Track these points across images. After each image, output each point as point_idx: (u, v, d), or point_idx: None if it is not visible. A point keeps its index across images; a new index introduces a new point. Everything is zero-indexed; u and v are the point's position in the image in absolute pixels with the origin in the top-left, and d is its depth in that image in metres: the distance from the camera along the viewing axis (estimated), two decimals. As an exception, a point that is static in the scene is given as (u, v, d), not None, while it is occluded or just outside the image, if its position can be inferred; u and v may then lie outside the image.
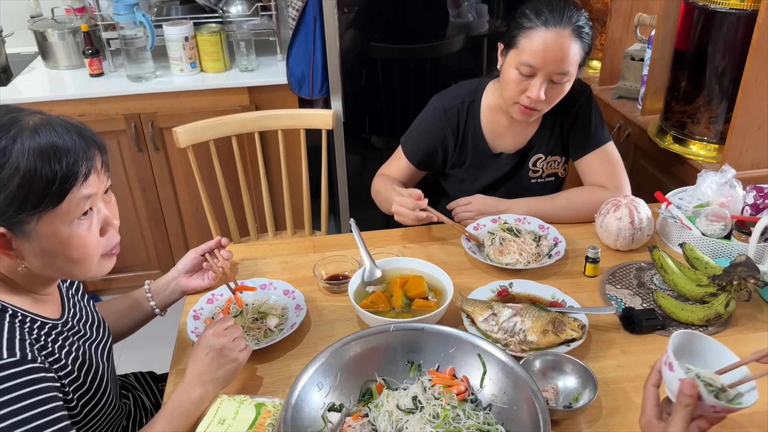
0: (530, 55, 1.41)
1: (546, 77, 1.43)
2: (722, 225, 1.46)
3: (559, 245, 1.46)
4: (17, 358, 0.87)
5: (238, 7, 2.57)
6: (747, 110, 1.75)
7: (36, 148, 0.85)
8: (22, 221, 0.88)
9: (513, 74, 1.46)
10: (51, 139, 0.87)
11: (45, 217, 0.89)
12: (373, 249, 1.42)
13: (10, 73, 2.55)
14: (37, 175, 0.85)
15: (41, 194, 0.86)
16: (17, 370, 0.86)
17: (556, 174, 1.70)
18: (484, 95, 1.63)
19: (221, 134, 1.95)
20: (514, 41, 1.45)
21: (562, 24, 1.40)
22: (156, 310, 1.32)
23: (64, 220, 0.90)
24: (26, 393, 0.86)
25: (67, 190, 0.88)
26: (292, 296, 1.33)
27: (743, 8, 1.73)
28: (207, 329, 1.09)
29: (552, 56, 1.40)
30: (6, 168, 0.84)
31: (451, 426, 0.97)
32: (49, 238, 0.91)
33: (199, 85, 2.44)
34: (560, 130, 1.64)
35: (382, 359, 1.09)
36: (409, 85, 2.47)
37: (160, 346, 1.24)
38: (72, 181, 0.88)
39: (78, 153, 0.89)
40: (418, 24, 2.38)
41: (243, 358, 1.08)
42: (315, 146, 2.10)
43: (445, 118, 1.63)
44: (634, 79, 2.29)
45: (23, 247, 0.91)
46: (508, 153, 1.66)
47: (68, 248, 0.93)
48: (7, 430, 0.83)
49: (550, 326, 1.17)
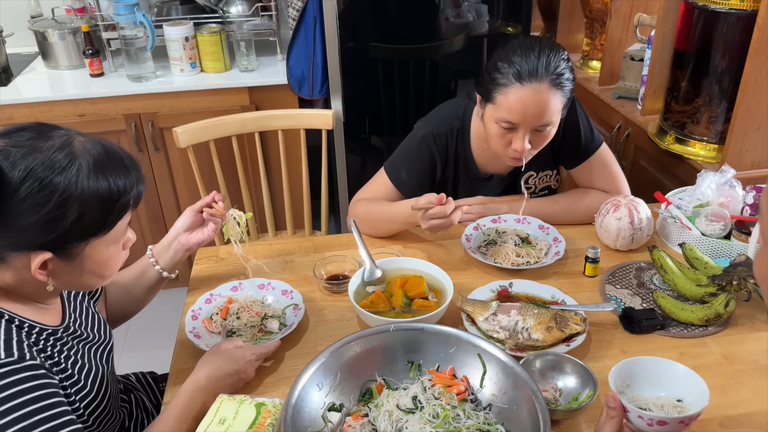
0: (508, 112, 1.36)
1: (528, 129, 1.38)
2: (722, 225, 1.46)
3: (559, 245, 1.46)
4: (15, 357, 0.88)
5: (238, 7, 2.57)
6: (747, 110, 1.75)
7: (96, 169, 0.90)
8: (72, 246, 0.92)
9: (495, 129, 1.40)
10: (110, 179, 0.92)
11: (93, 242, 0.94)
12: (373, 249, 1.42)
13: (10, 73, 2.56)
14: (95, 210, 0.91)
15: (96, 225, 0.93)
16: (15, 368, 0.87)
17: (549, 187, 1.68)
18: (473, 120, 1.58)
19: (221, 134, 1.95)
20: (491, 97, 1.38)
21: (538, 77, 1.32)
22: (163, 273, 1.32)
23: (109, 242, 0.97)
24: (26, 389, 0.86)
25: (119, 218, 0.95)
26: (290, 296, 1.33)
27: (743, 8, 1.73)
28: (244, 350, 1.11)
29: (531, 112, 1.34)
30: (67, 204, 0.88)
31: (451, 426, 0.97)
32: (93, 260, 0.96)
33: (199, 85, 2.44)
34: (550, 146, 1.57)
35: (382, 359, 1.09)
36: (409, 85, 2.47)
37: (160, 346, 1.24)
38: (123, 212, 0.96)
39: (131, 189, 0.95)
40: (418, 24, 2.39)
41: (250, 376, 1.13)
42: (315, 146, 2.10)
43: (434, 144, 1.57)
44: (634, 79, 2.29)
45: (60, 268, 0.94)
46: (500, 175, 1.64)
47: (105, 267, 0.99)
48: (9, 426, 0.83)
49: (553, 322, 1.17)
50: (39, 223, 0.87)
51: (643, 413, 0.89)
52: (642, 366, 1.00)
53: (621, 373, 0.99)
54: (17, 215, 0.86)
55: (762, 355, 1.19)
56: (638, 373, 1.00)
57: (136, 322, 2.59)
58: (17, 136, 0.88)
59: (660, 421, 0.89)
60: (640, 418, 0.89)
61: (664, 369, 0.99)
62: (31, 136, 0.89)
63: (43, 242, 0.89)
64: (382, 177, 1.61)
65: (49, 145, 0.88)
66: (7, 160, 0.85)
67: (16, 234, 0.87)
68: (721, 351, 1.20)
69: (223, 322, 1.27)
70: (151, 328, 2.42)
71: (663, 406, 0.96)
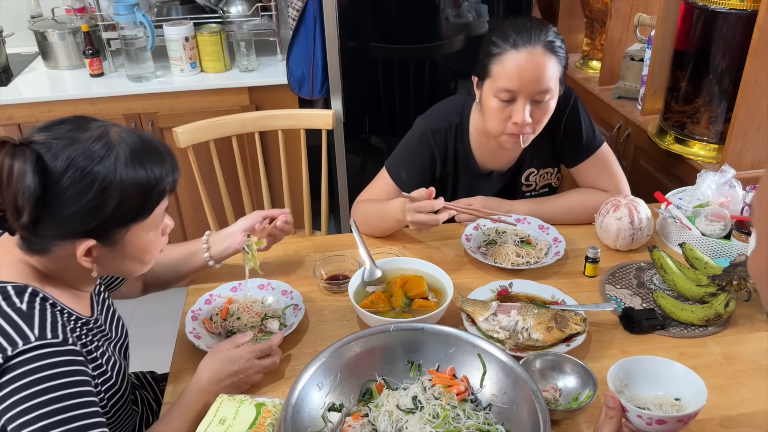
0: (506, 79, 1.36)
1: (527, 98, 1.38)
2: (722, 225, 1.46)
3: (559, 245, 1.46)
4: (60, 339, 0.91)
5: (238, 8, 2.57)
6: (747, 110, 1.75)
7: (134, 158, 0.93)
8: (114, 233, 0.96)
9: (493, 103, 1.41)
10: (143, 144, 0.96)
11: (134, 228, 0.97)
12: (373, 249, 1.42)
13: (10, 73, 2.56)
14: (134, 196, 0.94)
15: (136, 211, 0.96)
16: (60, 350, 0.90)
17: (549, 184, 1.68)
18: (472, 116, 1.58)
19: (221, 134, 1.95)
20: (487, 70, 1.40)
21: (532, 42, 1.35)
22: (210, 262, 1.34)
23: (148, 228, 1.00)
24: (65, 372, 0.89)
25: (157, 203, 0.99)
26: (290, 296, 1.33)
27: (743, 8, 1.73)
28: (241, 350, 1.11)
29: (528, 76, 1.35)
30: (108, 191, 0.91)
31: (451, 426, 0.97)
32: (134, 245, 0.99)
33: (199, 85, 2.44)
34: (551, 143, 1.60)
35: (382, 359, 1.09)
36: (409, 85, 2.47)
37: (160, 346, 1.24)
38: (161, 197, 0.99)
39: (167, 175, 0.98)
40: (418, 24, 2.39)
41: (256, 381, 1.13)
42: (315, 146, 2.10)
43: (433, 140, 1.57)
44: (634, 79, 2.29)
45: (104, 254, 0.98)
46: (500, 171, 1.63)
47: (146, 252, 1.03)
48: (43, 406, 0.85)
49: (553, 322, 1.17)
50: (82, 210, 0.90)
51: (642, 412, 0.89)
52: (640, 365, 1.00)
53: (619, 373, 0.99)
54: (61, 204, 0.89)
55: (762, 355, 1.19)
56: (636, 373, 1.00)
57: (136, 322, 2.60)
58: (57, 129, 0.92)
59: (659, 420, 0.89)
60: (639, 417, 0.89)
61: (662, 368, 0.99)
62: (70, 128, 0.92)
63: (86, 229, 0.92)
64: (383, 176, 1.61)
65: (87, 136, 0.91)
66: (49, 152, 0.89)
67: (61, 223, 0.91)
68: (721, 351, 1.20)
69: (223, 322, 1.27)
70: (151, 328, 2.42)
71: (661, 405, 0.96)
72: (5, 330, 0.89)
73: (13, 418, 0.85)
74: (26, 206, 0.86)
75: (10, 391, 0.86)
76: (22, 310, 0.92)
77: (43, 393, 0.86)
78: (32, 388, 0.86)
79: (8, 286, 0.94)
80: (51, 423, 0.85)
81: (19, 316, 0.91)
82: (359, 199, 1.63)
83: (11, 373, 0.86)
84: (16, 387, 0.86)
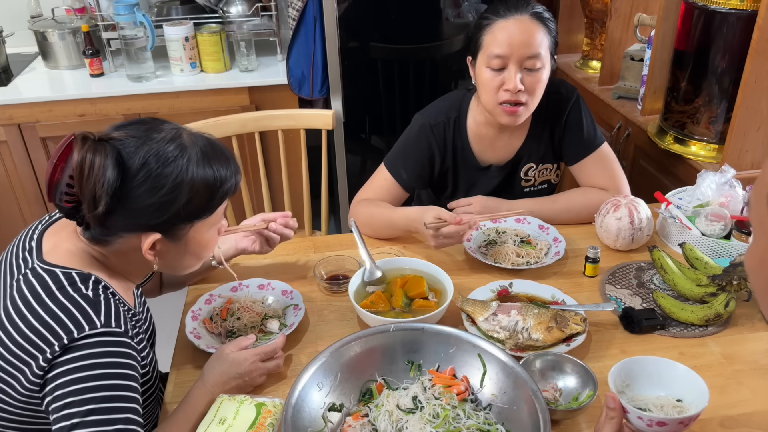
0: (496, 46, 1.41)
1: (518, 65, 1.42)
2: (722, 225, 1.46)
3: (559, 245, 1.46)
4: (122, 329, 0.96)
5: (238, 7, 2.57)
6: (747, 110, 1.75)
7: (204, 159, 0.99)
8: (179, 228, 1.01)
9: (486, 73, 1.44)
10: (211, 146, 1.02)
11: (197, 224, 1.02)
12: (373, 249, 1.42)
13: (10, 73, 2.56)
14: (202, 194, 0.99)
15: (201, 209, 1.01)
16: (122, 340, 0.94)
17: (548, 181, 1.68)
18: (470, 109, 1.60)
19: (221, 134, 1.95)
20: (478, 43, 1.46)
21: (519, 11, 1.42)
22: (213, 262, 1.36)
23: (209, 226, 1.05)
24: (123, 363, 0.93)
25: (219, 203, 1.04)
26: (290, 296, 1.33)
27: (743, 8, 1.73)
28: (246, 352, 1.12)
29: (518, 40, 1.40)
30: (179, 189, 0.96)
31: (451, 426, 0.97)
32: (196, 241, 1.05)
33: (199, 85, 2.44)
34: (550, 138, 1.61)
35: (382, 359, 1.09)
36: (409, 85, 2.47)
37: (160, 346, 1.25)
38: (225, 197, 1.04)
39: (231, 177, 1.04)
40: (418, 24, 2.39)
41: (259, 383, 1.14)
42: (315, 146, 2.10)
43: (431, 134, 1.58)
44: (634, 79, 2.29)
45: (167, 248, 1.02)
46: (498, 165, 1.64)
47: (204, 248, 1.08)
48: (94, 390, 0.89)
49: (553, 322, 1.17)
50: (153, 206, 0.95)
51: (643, 414, 0.89)
52: (642, 366, 1.00)
53: (621, 373, 0.99)
54: (135, 198, 0.95)
55: (762, 355, 1.19)
56: (638, 373, 1.00)
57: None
58: (133, 128, 0.98)
59: (660, 422, 0.89)
60: (640, 419, 0.89)
61: (664, 369, 0.99)
62: (146, 128, 0.98)
63: (155, 224, 0.97)
64: (382, 172, 1.61)
65: (161, 137, 0.97)
66: (127, 149, 0.94)
67: (132, 216, 0.96)
68: (721, 351, 1.20)
69: (223, 322, 1.27)
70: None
71: (663, 406, 0.96)
72: (72, 313, 0.93)
73: (61, 397, 0.88)
74: (103, 198, 0.91)
75: (67, 370, 0.89)
76: (89, 296, 0.96)
77: (97, 378, 0.89)
78: (89, 371, 0.89)
79: (73, 272, 0.98)
80: (95, 409, 0.88)
81: (86, 301, 0.95)
82: (358, 198, 1.63)
83: (73, 353, 0.90)
84: (74, 367, 0.89)
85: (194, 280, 1.42)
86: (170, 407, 1.10)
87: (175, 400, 1.09)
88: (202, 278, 1.43)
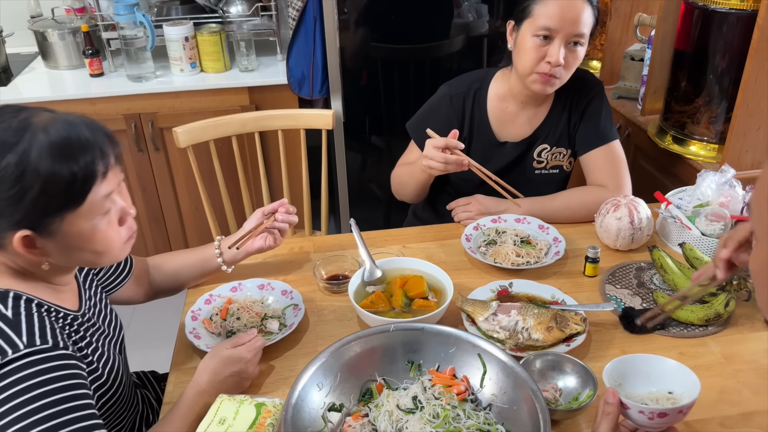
0: (547, 18, 1.44)
1: (564, 40, 1.45)
2: (722, 225, 1.46)
3: (559, 245, 1.46)
4: (50, 344, 0.89)
5: (238, 7, 2.57)
6: (747, 110, 1.75)
7: (53, 151, 0.87)
8: (47, 222, 0.90)
9: (531, 42, 1.47)
10: (66, 140, 0.89)
11: (68, 217, 0.91)
12: (373, 249, 1.42)
13: (10, 73, 2.56)
14: (58, 178, 0.88)
15: (63, 196, 0.89)
16: (51, 355, 0.88)
17: (561, 167, 1.68)
18: (492, 82, 1.65)
19: (221, 134, 1.95)
20: (528, 11, 1.48)
21: None
22: (223, 267, 1.36)
23: (87, 217, 0.93)
24: (58, 377, 0.88)
25: (87, 190, 0.91)
26: (290, 296, 1.33)
27: (743, 8, 1.73)
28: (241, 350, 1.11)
29: (569, 17, 1.43)
30: (27, 174, 0.86)
31: (451, 426, 0.97)
32: (74, 236, 0.93)
33: (199, 85, 2.44)
34: (567, 122, 1.63)
35: (382, 359, 1.09)
36: (409, 85, 2.47)
37: (160, 346, 1.25)
38: (92, 180, 0.91)
39: (95, 151, 0.91)
40: (419, 24, 2.38)
41: (253, 372, 1.13)
42: (315, 146, 2.10)
43: (450, 104, 1.64)
44: (634, 79, 2.29)
45: (47, 245, 0.93)
46: (514, 142, 1.66)
47: (92, 243, 0.96)
48: (38, 412, 0.84)
49: (553, 322, 1.17)
50: (5, 200, 0.87)
51: (644, 407, 0.89)
52: (632, 364, 0.99)
53: (613, 373, 0.98)
54: None
55: (762, 355, 1.19)
56: (629, 371, 0.99)
57: (136, 321, 2.60)
58: None
59: (661, 413, 0.88)
60: (641, 413, 0.89)
61: (654, 365, 0.99)
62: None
63: (18, 220, 0.89)
64: (411, 142, 1.73)
65: (4, 126, 0.88)
66: None
67: None
68: (721, 351, 1.20)
69: (223, 322, 1.27)
70: (151, 328, 2.42)
71: (657, 400, 0.96)
72: None
73: (6, 427, 0.83)
74: None
75: (1, 400, 0.84)
76: (8, 316, 0.90)
77: (35, 400, 0.84)
78: (24, 395, 0.84)
79: None
80: (46, 429, 0.84)
81: (5, 323, 0.89)
82: (397, 165, 1.75)
83: (1, 382, 0.84)
84: (7, 396, 0.84)
85: (193, 285, 1.41)
86: (170, 407, 1.10)
87: (175, 401, 1.09)
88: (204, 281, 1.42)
